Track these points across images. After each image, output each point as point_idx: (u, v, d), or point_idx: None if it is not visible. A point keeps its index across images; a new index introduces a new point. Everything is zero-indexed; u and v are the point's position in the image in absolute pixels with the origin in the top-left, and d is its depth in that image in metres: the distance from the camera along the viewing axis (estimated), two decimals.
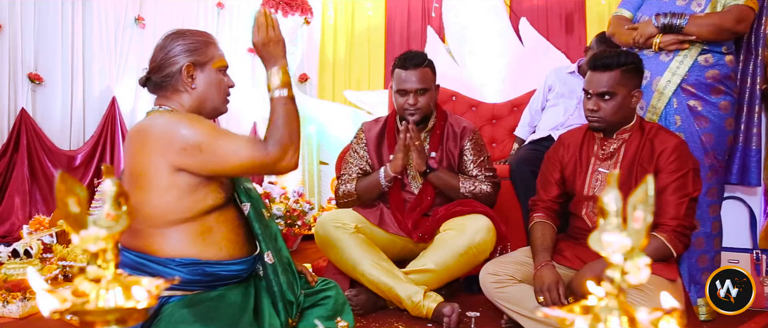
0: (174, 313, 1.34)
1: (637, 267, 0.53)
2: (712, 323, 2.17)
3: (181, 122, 1.38)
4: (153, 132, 1.37)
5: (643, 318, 0.56)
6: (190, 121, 1.39)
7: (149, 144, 1.37)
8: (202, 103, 1.51)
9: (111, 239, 0.62)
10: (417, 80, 2.31)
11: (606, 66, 1.87)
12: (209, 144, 1.35)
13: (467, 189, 2.34)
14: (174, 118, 1.40)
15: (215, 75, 1.52)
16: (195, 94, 1.49)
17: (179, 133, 1.35)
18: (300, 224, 3.44)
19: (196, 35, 1.52)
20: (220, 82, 1.53)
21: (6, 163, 3.75)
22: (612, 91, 1.87)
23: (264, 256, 1.53)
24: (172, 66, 1.47)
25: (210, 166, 1.38)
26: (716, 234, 2.21)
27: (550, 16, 4.57)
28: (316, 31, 5.14)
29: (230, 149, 1.36)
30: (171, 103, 1.49)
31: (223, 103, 1.56)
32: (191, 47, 1.48)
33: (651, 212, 0.52)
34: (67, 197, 0.60)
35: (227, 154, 1.36)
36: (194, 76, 1.48)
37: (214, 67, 1.51)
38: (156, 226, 1.39)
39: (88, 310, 0.61)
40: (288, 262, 1.61)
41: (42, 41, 3.93)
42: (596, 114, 1.91)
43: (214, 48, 1.53)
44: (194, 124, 1.38)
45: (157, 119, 1.40)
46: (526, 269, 1.96)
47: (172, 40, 1.49)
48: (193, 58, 1.48)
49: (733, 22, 2.09)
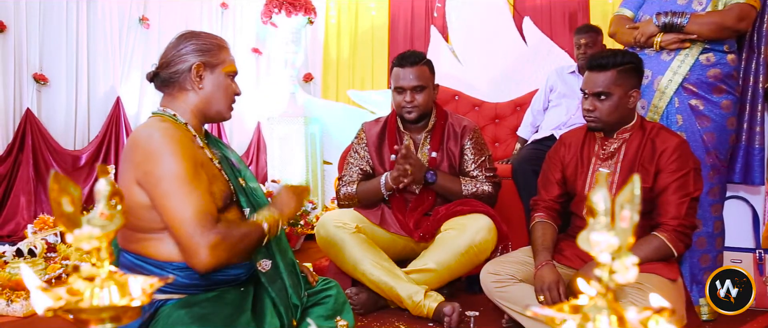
0: (171, 314, 1.34)
1: (624, 266, 0.53)
2: (715, 323, 2.16)
3: (165, 150, 1.34)
4: (140, 145, 1.37)
5: (632, 318, 0.56)
6: (172, 153, 1.34)
7: (134, 161, 1.37)
8: (207, 105, 1.51)
9: (105, 237, 0.63)
10: (414, 77, 2.32)
11: (602, 66, 1.87)
12: (165, 189, 1.32)
13: (469, 191, 2.35)
14: (164, 141, 1.36)
15: (224, 79, 1.52)
16: (201, 95, 1.49)
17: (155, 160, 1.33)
18: (303, 224, 3.45)
19: (211, 38, 1.53)
20: (228, 87, 1.53)
21: (11, 163, 3.78)
22: (607, 91, 1.87)
23: (256, 265, 1.51)
24: (182, 63, 1.47)
25: (154, 203, 1.34)
26: (718, 234, 2.20)
27: (553, 15, 4.56)
28: (320, 31, 5.15)
29: (176, 209, 1.31)
30: (177, 103, 1.48)
31: (228, 109, 1.56)
32: (204, 48, 1.49)
33: (638, 211, 0.52)
34: (61, 197, 0.60)
35: (169, 210, 1.32)
36: (203, 76, 1.49)
37: (223, 71, 1.52)
38: (154, 230, 1.39)
39: (82, 308, 0.61)
40: (293, 264, 1.60)
41: (47, 42, 3.96)
42: (593, 114, 1.91)
43: (226, 53, 1.54)
44: (173, 159, 1.34)
45: (154, 133, 1.38)
46: (526, 269, 1.96)
47: (186, 40, 1.50)
48: (205, 58, 1.49)
49: (735, 21, 2.08)
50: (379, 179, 2.35)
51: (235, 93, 1.56)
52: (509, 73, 4.22)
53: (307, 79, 5.12)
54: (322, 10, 5.07)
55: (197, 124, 1.52)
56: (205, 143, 1.53)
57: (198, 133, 1.50)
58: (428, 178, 2.31)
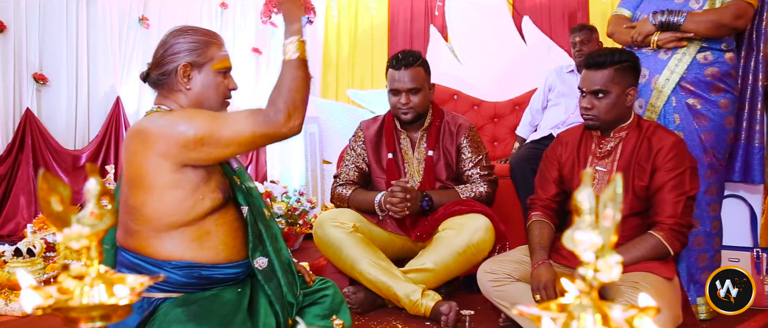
0: (168, 312, 1.35)
1: (608, 265, 0.53)
2: (712, 323, 2.16)
3: (178, 120, 1.37)
4: (152, 132, 1.36)
5: (617, 316, 0.57)
6: (187, 117, 1.37)
7: (149, 145, 1.35)
8: (198, 104, 1.49)
9: (94, 236, 0.63)
10: (409, 80, 2.32)
11: (599, 64, 1.87)
12: (211, 135, 1.34)
13: (466, 196, 2.36)
14: (171, 116, 1.39)
15: (213, 77, 1.49)
16: (191, 96, 1.48)
17: (178, 131, 1.34)
18: (301, 223, 3.46)
19: (198, 34, 1.49)
20: (219, 85, 1.50)
21: (11, 162, 3.78)
22: (605, 89, 1.87)
23: (253, 262, 1.50)
24: (169, 64, 1.46)
25: (217, 153, 1.37)
26: (716, 233, 2.20)
27: (552, 14, 4.56)
28: (320, 30, 5.15)
29: (234, 131, 1.34)
30: (169, 102, 1.49)
31: (220, 106, 1.52)
32: (190, 47, 1.46)
33: (620, 209, 0.52)
34: (50, 196, 0.61)
35: (231, 138, 1.34)
36: (191, 76, 1.46)
37: (212, 69, 1.48)
38: (154, 228, 1.39)
39: (71, 306, 0.62)
40: (288, 263, 1.60)
41: (47, 42, 3.97)
42: (590, 112, 1.91)
43: (215, 48, 1.49)
44: (192, 118, 1.36)
45: (155, 120, 1.39)
46: (523, 268, 1.96)
47: (174, 37, 1.48)
48: (191, 58, 1.46)
49: (732, 18, 2.07)
50: (374, 198, 2.34)
51: (229, 88, 1.53)
52: (508, 72, 4.23)
53: None
54: (323, 10, 5.07)
55: None
56: None
57: None
58: (424, 206, 2.31)
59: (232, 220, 1.50)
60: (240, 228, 1.51)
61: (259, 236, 1.53)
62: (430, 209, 2.33)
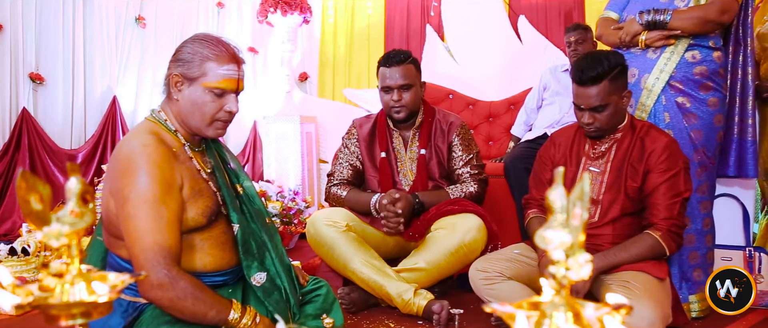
0: (154, 315, 1.35)
1: (578, 264, 0.54)
2: (704, 321, 2.17)
3: (138, 169, 1.30)
4: (119, 158, 1.34)
5: (588, 315, 0.57)
6: (146, 173, 1.30)
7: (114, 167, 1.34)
8: (183, 118, 1.43)
9: (75, 235, 0.64)
10: (400, 76, 2.33)
11: (594, 79, 1.84)
12: (130, 211, 1.28)
13: (456, 195, 2.36)
14: (140, 158, 1.31)
15: (201, 95, 1.39)
16: (179, 107, 1.42)
17: (127, 178, 1.30)
18: (296, 223, 3.46)
19: (204, 47, 1.40)
20: (204, 105, 1.39)
21: (7, 162, 3.79)
22: (604, 103, 1.87)
23: (250, 280, 1.47)
24: (168, 69, 1.44)
25: (118, 219, 1.31)
26: (708, 231, 2.21)
27: (548, 13, 4.57)
28: (316, 29, 5.16)
29: (137, 232, 1.27)
30: (165, 106, 1.46)
31: (205, 126, 1.42)
32: (187, 57, 1.40)
33: (587, 208, 0.53)
34: (29, 194, 0.61)
35: (130, 232, 1.28)
36: (180, 88, 1.41)
37: (203, 86, 1.39)
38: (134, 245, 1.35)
39: (51, 304, 0.62)
40: (288, 267, 1.59)
41: (43, 41, 3.97)
42: (593, 126, 1.91)
43: (213, 66, 1.38)
44: (145, 179, 1.29)
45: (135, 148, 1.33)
46: (515, 266, 1.97)
47: (187, 43, 1.43)
48: (182, 69, 1.39)
49: (717, 14, 2.08)
50: (370, 200, 2.35)
51: (220, 110, 1.41)
52: (504, 71, 4.23)
53: (302, 78, 5.13)
54: (319, 9, 5.07)
55: (186, 132, 1.45)
56: (196, 151, 1.47)
57: (189, 141, 1.45)
58: (416, 207, 2.32)
59: (220, 234, 1.45)
60: (228, 241, 1.47)
61: (252, 252, 1.48)
62: (422, 210, 2.33)
